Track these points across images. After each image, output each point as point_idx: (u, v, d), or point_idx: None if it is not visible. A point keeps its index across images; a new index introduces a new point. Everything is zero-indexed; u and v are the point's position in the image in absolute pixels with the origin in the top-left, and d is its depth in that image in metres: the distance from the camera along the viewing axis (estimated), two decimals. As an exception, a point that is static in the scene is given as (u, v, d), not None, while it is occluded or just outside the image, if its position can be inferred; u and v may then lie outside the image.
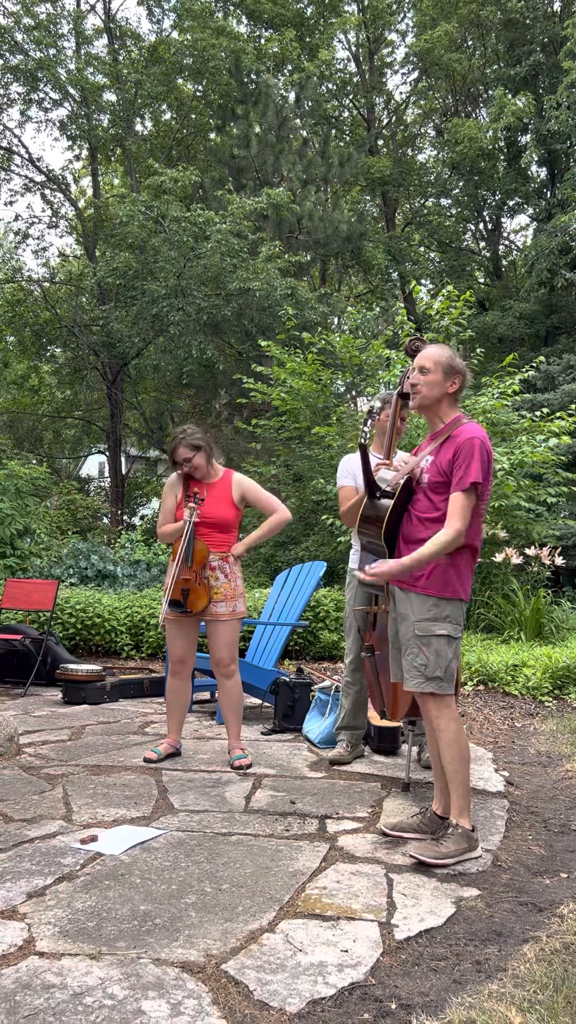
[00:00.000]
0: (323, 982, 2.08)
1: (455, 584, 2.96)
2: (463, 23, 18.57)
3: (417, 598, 2.98)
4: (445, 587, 2.95)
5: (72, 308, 17.06)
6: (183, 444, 4.03)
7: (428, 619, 2.95)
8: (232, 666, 4.08)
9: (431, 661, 2.93)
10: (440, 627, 2.94)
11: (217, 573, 4.02)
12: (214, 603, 4.02)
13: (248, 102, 15.17)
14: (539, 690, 5.61)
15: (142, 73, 16.21)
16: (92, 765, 4.00)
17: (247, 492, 4.13)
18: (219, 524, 4.05)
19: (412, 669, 2.98)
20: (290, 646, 7.21)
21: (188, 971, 2.11)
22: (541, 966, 2.16)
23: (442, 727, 2.95)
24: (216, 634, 4.04)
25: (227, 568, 4.05)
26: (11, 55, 15.60)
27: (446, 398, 3.04)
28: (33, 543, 9.27)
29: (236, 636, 4.09)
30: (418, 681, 2.96)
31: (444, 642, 2.94)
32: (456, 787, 2.95)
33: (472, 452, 2.89)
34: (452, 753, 2.94)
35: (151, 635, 7.23)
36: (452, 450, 2.94)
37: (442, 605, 2.95)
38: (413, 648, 2.97)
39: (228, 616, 4.03)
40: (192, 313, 12.98)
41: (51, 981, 2.05)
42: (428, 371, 3.01)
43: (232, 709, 4.11)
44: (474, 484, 2.88)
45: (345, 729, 4.25)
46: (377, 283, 19.29)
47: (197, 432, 4.08)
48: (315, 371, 9.39)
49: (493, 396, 8.39)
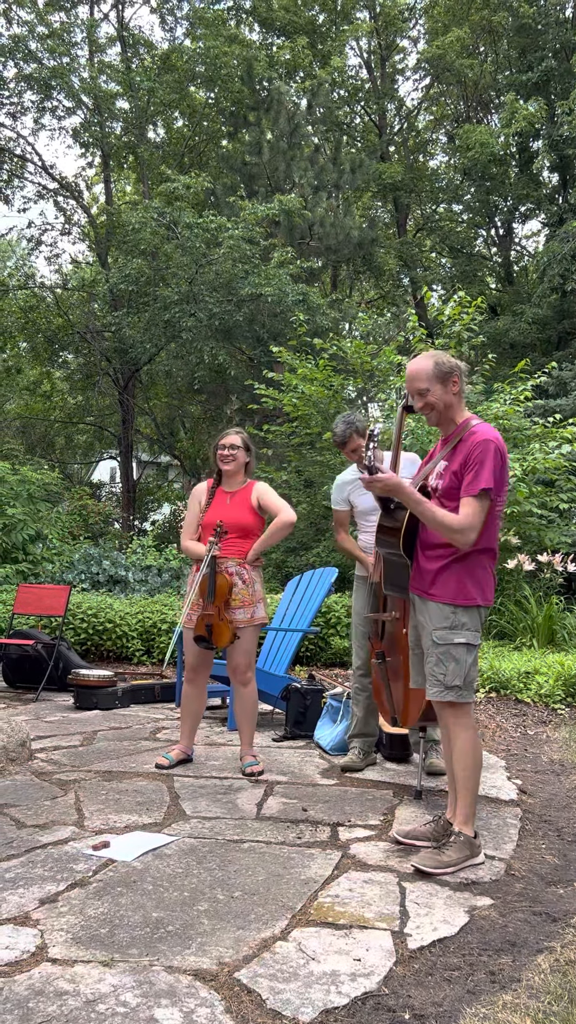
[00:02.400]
0: (336, 991, 2.07)
1: (471, 591, 2.92)
2: (475, 29, 18.60)
3: (434, 607, 2.95)
4: (460, 594, 2.92)
5: (84, 314, 17.16)
6: (237, 434, 4.16)
7: (446, 628, 2.92)
8: (249, 673, 4.08)
9: (450, 670, 2.91)
10: (459, 635, 2.92)
11: (235, 579, 4.02)
12: (232, 609, 4.01)
13: (260, 109, 15.23)
14: (552, 697, 5.58)
15: (155, 81, 16.30)
16: (104, 771, 4.00)
17: (262, 496, 4.16)
18: (240, 529, 4.05)
19: (431, 678, 2.96)
20: (301, 652, 7.20)
21: (201, 979, 2.10)
22: (556, 977, 2.14)
23: (458, 734, 2.94)
24: (234, 641, 4.04)
25: (245, 574, 4.05)
26: (25, 63, 15.72)
27: (456, 402, 3.01)
28: (45, 548, 9.31)
29: (254, 643, 4.09)
30: (438, 690, 2.93)
31: (463, 650, 2.91)
32: (465, 795, 2.93)
33: (484, 457, 2.84)
34: (466, 761, 2.93)
35: (162, 640, 7.23)
36: (463, 454, 2.90)
37: (459, 613, 2.92)
38: (432, 657, 2.95)
39: (246, 623, 4.02)
40: (204, 319, 13.02)
41: (64, 988, 2.05)
42: (427, 390, 2.96)
43: (247, 716, 4.10)
44: (485, 490, 2.83)
45: (357, 736, 4.23)
46: (388, 289, 19.31)
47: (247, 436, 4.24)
48: (326, 377, 9.39)
49: (505, 402, 8.36)
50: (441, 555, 2.94)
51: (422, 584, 3.01)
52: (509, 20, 17.43)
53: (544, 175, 19.06)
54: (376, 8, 19.48)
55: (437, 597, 2.94)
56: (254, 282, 12.43)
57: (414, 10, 20.21)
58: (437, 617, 2.94)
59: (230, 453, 4.10)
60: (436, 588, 2.95)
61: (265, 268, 12.63)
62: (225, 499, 4.11)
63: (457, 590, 2.92)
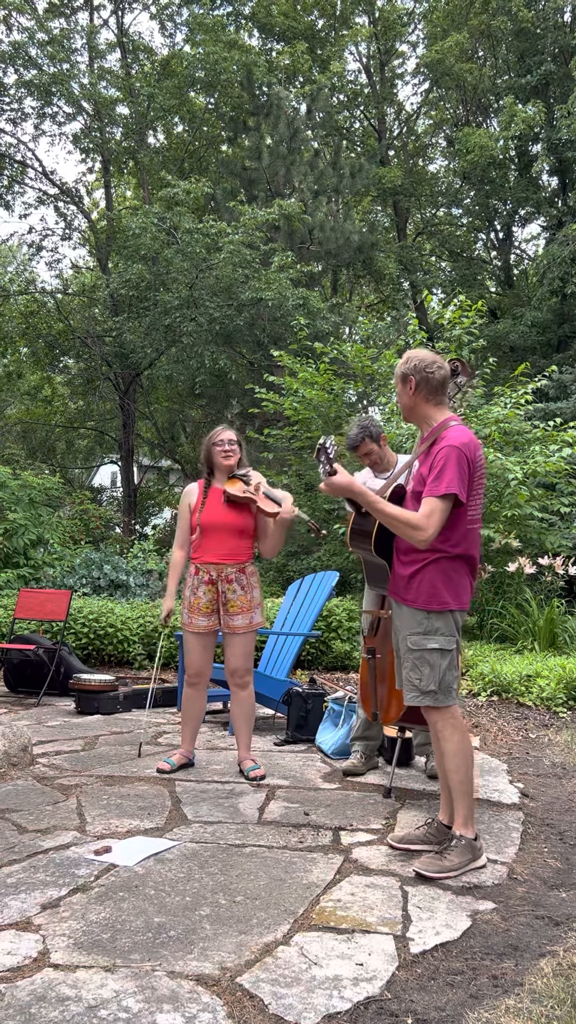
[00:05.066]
0: (338, 996, 2.07)
1: (444, 595, 2.89)
2: (474, 33, 18.63)
3: (408, 612, 2.95)
4: (433, 599, 2.90)
5: (85, 319, 17.17)
6: (231, 429, 4.15)
7: (419, 633, 2.92)
8: (247, 677, 4.08)
9: (425, 675, 2.91)
10: (431, 641, 2.90)
11: (234, 586, 4.01)
12: (231, 616, 4.01)
13: (260, 114, 15.26)
14: (553, 700, 5.58)
15: (155, 86, 16.33)
16: (105, 775, 4.00)
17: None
18: (235, 528, 4.04)
19: (407, 683, 2.96)
20: (303, 656, 7.20)
21: (203, 984, 2.10)
22: (559, 981, 2.14)
23: (445, 736, 2.93)
24: (232, 645, 4.04)
25: (244, 580, 4.04)
26: (25, 70, 15.74)
27: (419, 402, 2.99)
28: (46, 553, 9.31)
29: (252, 647, 4.09)
30: (413, 695, 2.94)
31: (437, 655, 2.90)
32: (460, 797, 2.93)
33: (447, 461, 2.81)
34: (455, 763, 2.92)
35: (163, 645, 7.23)
36: (432, 458, 2.89)
37: (432, 618, 2.91)
38: (407, 662, 2.96)
39: (245, 628, 4.02)
40: (204, 323, 13.03)
41: (66, 994, 2.04)
42: (397, 387, 3.07)
43: (244, 720, 4.10)
44: (447, 495, 2.79)
45: (359, 740, 4.23)
46: (389, 293, 19.31)
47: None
48: (327, 381, 9.40)
49: (505, 405, 8.37)
50: (415, 560, 2.93)
51: (398, 589, 3.01)
52: (508, 24, 17.46)
53: (543, 179, 19.09)
54: (375, 13, 19.52)
55: (410, 602, 2.94)
56: (254, 287, 12.45)
57: (413, 15, 20.24)
58: (410, 623, 2.94)
59: (231, 448, 4.08)
60: (410, 593, 2.94)
61: (265, 273, 12.65)
62: (220, 497, 4.08)
63: (430, 595, 2.90)
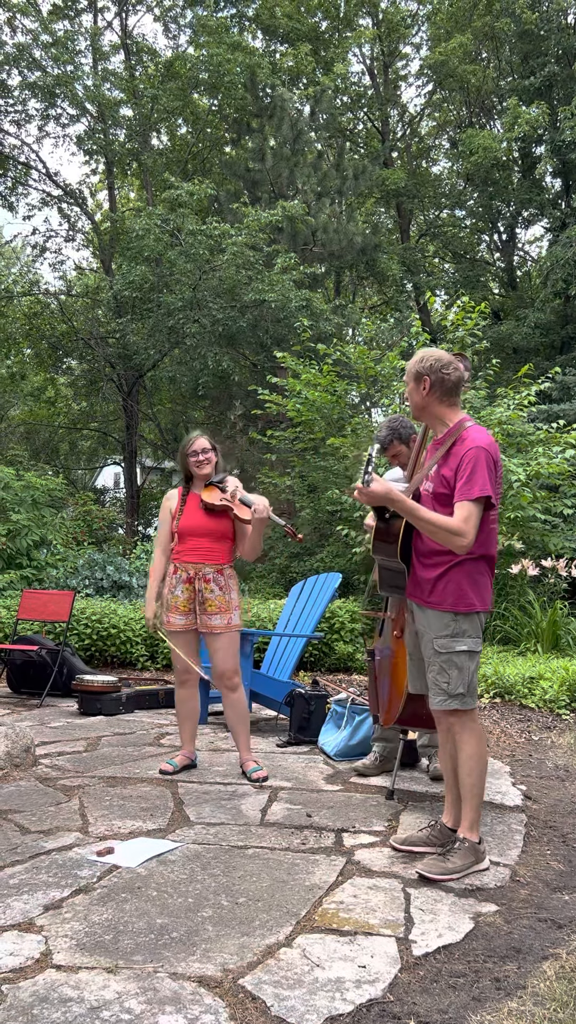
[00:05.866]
0: (341, 998, 2.06)
1: (471, 597, 2.89)
2: (477, 35, 18.64)
3: (434, 615, 2.92)
4: (460, 601, 2.89)
5: (88, 321, 17.19)
6: (203, 437, 4.13)
7: (447, 636, 2.89)
8: (235, 678, 4.03)
9: (453, 678, 2.88)
10: (460, 643, 2.89)
11: (212, 586, 4.01)
12: (208, 615, 4.00)
13: (263, 116, 15.27)
14: (556, 703, 5.57)
15: (158, 88, 16.36)
16: (108, 777, 4.00)
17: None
18: (213, 534, 4.04)
19: (434, 687, 2.92)
20: (305, 658, 7.19)
21: (205, 986, 2.10)
22: (561, 984, 2.14)
23: (464, 739, 2.91)
24: (214, 647, 4.01)
25: (222, 581, 4.04)
26: (29, 72, 15.79)
27: (432, 402, 2.96)
28: (49, 554, 9.32)
29: (236, 647, 4.05)
30: (441, 699, 2.90)
31: (466, 657, 2.89)
32: (470, 801, 2.91)
33: (476, 463, 2.80)
34: (472, 766, 2.90)
35: (165, 646, 7.23)
36: (456, 460, 2.86)
37: (460, 620, 2.89)
38: (434, 666, 2.92)
39: (223, 628, 4.00)
40: (207, 325, 13.04)
41: (68, 995, 2.05)
42: (408, 385, 3.02)
43: (239, 721, 4.08)
44: (481, 497, 2.78)
45: (379, 741, 4.21)
46: (392, 294, 19.30)
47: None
48: (330, 382, 9.40)
49: (508, 407, 8.36)
50: (439, 563, 2.91)
51: (420, 592, 2.97)
52: (511, 26, 17.46)
53: (547, 180, 19.08)
54: (379, 15, 19.54)
55: (436, 605, 2.91)
56: (257, 288, 12.45)
57: (417, 17, 20.26)
58: (437, 625, 2.91)
59: (204, 457, 4.08)
60: (435, 596, 2.91)
61: (268, 274, 12.65)
62: (198, 502, 4.07)
63: (457, 597, 2.88)
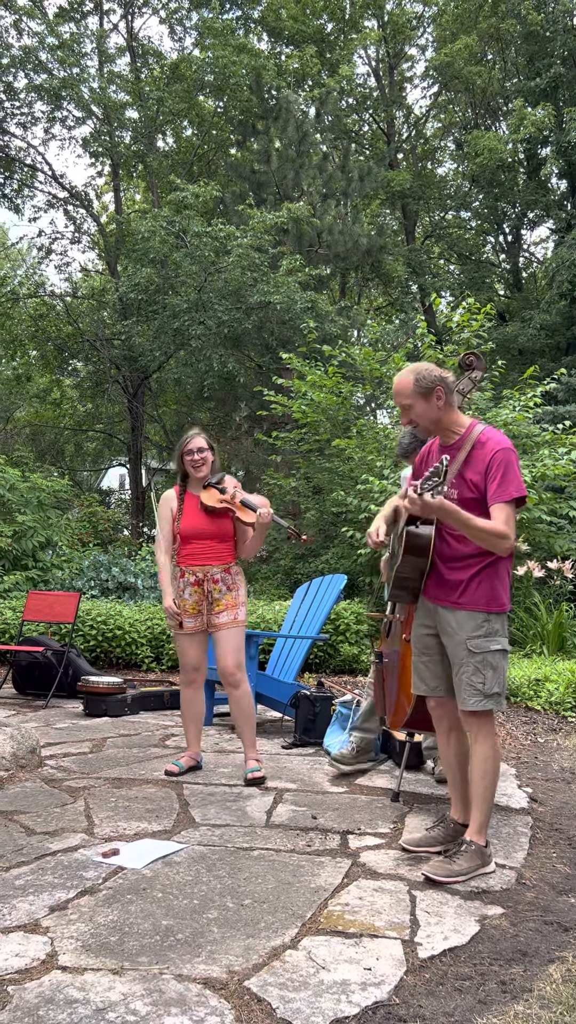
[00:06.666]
0: (346, 1001, 2.06)
1: (501, 596, 2.90)
2: (483, 36, 18.64)
3: (466, 615, 2.89)
4: (492, 601, 2.88)
5: (94, 322, 17.23)
6: (200, 436, 4.11)
7: (481, 636, 2.87)
8: (239, 674, 4.02)
9: (488, 678, 2.85)
10: (494, 642, 2.87)
11: (220, 586, 4.02)
12: (216, 614, 4.01)
13: (268, 118, 15.29)
14: (562, 705, 5.55)
15: (164, 90, 16.39)
16: (113, 778, 4.00)
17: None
18: (215, 535, 4.04)
19: (468, 687, 2.86)
20: (310, 659, 7.19)
21: (210, 987, 2.10)
22: (568, 987, 2.13)
23: (480, 740, 2.89)
24: (220, 643, 4.02)
25: (230, 579, 4.05)
26: (35, 74, 15.83)
27: (445, 412, 2.95)
28: (55, 555, 9.33)
29: (241, 642, 4.06)
30: (477, 699, 2.86)
31: (500, 656, 2.88)
32: (480, 804, 2.90)
33: (508, 465, 2.81)
34: (485, 768, 2.88)
35: (171, 647, 7.23)
36: (482, 463, 2.85)
37: (492, 619, 2.88)
38: (468, 667, 2.87)
39: (230, 624, 4.02)
40: (213, 327, 13.06)
41: (74, 996, 2.05)
42: (411, 406, 2.97)
43: (244, 718, 4.07)
44: (516, 497, 2.80)
45: (357, 730, 4.20)
46: (397, 296, 19.30)
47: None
48: (335, 384, 9.41)
49: (514, 408, 8.35)
50: (471, 564, 2.89)
51: (449, 594, 2.93)
52: (517, 27, 17.45)
53: (552, 181, 19.04)
54: (384, 17, 19.55)
55: (468, 605, 2.88)
56: (263, 290, 12.47)
57: (422, 18, 20.27)
58: (470, 626, 2.88)
59: (200, 457, 4.06)
60: (467, 596, 2.89)
61: (274, 276, 12.66)
62: (197, 503, 4.06)
63: (490, 597, 2.88)
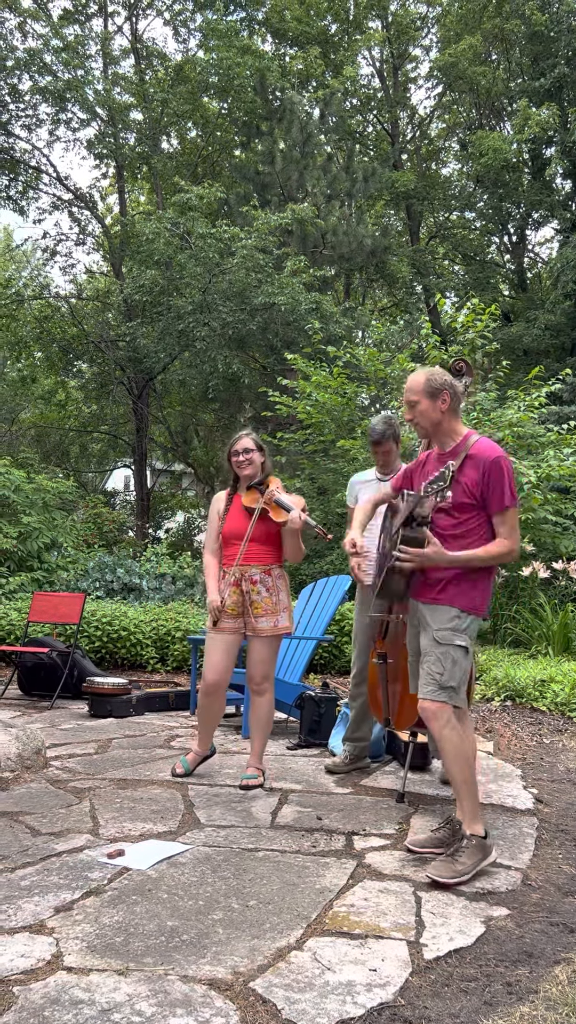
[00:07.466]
0: (352, 1002, 2.06)
1: (478, 602, 3.03)
2: (487, 37, 18.63)
3: (441, 609, 3.01)
4: (468, 602, 3.01)
5: (99, 324, 17.25)
6: (248, 437, 4.06)
7: (449, 629, 2.99)
8: (265, 684, 3.95)
9: (447, 669, 2.95)
10: (459, 638, 2.98)
11: (259, 587, 3.91)
12: (255, 617, 3.90)
13: (273, 119, 15.30)
14: (568, 706, 5.54)
15: (168, 92, 16.41)
16: (119, 779, 4.01)
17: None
18: (257, 537, 3.95)
19: (427, 676, 2.99)
20: (315, 660, 7.19)
21: (216, 988, 2.10)
22: (573, 988, 2.12)
23: (444, 736, 2.95)
24: (254, 650, 3.93)
25: (269, 582, 3.94)
26: (40, 76, 15.86)
27: (447, 418, 3.08)
28: (60, 556, 9.35)
29: (275, 653, 3.97)
30: (431, 688, 2.96)
31: (462, 653, 2.98)
32: (464, 794, 2.95)
33: (503, 474, 2.97)
34: (455, 755, 2.95)
35: (176, 648, 7.24)
36: (477, 470, 2.99)
37: (464, 618, 3.00)
38: (431, 656, 2.99)
39: (270, 631, 3.91)
40: (217, 328, 13.07)
41: (79, 997, 2.05)
42: (416, 403, 3.07)
43: (260, 727, 3.99)
44: (512, 506, 2.98)
45: (349, 740, 4.30)
46: (401, 296, 19.29)
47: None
48: (340, 384, 9.40)
49: (519, 409, 8.34)
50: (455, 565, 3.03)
51: (429, 591, 3.06)
52: (521, 28, 17.45)
53: (557, 181, 19.04)
54: (388, 17, 19.55)
55: (444, 601, 3.01)
56: (267, 291, 12.48)
57: (426, 19, 20.27)
58: (443, 617, 3.00)
59: (246, 458, 4.01)
60: (445, 594, 3.01)
61: (278, 277, 12.67)
62: (241, 506, 4.01)
63: (467, 598, 3.01)
